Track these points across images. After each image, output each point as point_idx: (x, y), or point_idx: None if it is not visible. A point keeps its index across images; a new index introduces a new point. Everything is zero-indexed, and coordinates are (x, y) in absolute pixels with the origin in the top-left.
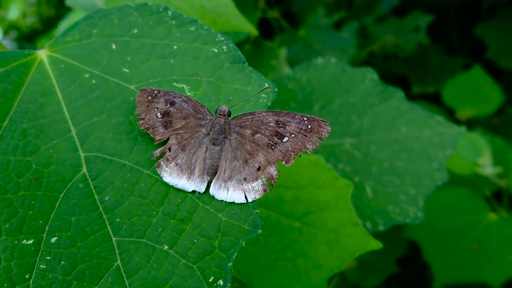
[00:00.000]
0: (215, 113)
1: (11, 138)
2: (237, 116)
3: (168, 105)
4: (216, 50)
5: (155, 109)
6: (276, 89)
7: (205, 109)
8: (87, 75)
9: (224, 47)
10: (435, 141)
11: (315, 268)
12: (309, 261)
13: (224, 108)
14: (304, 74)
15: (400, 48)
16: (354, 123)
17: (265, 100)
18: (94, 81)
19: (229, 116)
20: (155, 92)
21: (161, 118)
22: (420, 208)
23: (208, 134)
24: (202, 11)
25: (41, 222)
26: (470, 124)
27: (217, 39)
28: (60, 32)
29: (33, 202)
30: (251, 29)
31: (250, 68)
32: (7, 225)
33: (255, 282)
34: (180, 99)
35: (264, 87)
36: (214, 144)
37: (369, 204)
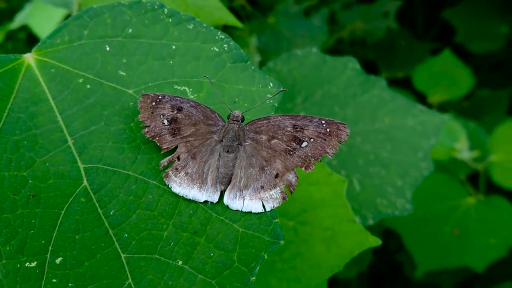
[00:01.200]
0: (228, 119)
1: (3, 152)
2: (251, 121)
3: (175, 111)
4: (217, 49)
5: (161, 116)
6: (281, 88)
7: (215, 114)
8: (80, 80)
9: (225, 45)
10: (419, 130)
11: (313, 268)
12: (306, 261)
13: (237, 113)
14: (284, 65)
15: (369, 34)
16: (337, 114)
17: (271, 101)
18: (88, 86)
19: (242, 121)
20: (159, 97)
21: (168, 125)
22: (408, 199)
23: (221, 141)
24: (184, 5)
25: (43, 242)
26: (442, 109)
27: (217, 37)
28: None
29: (33, 221)
30: (235, 22)
31: (253, 67)
32: (7, 248)
33: None
34: (188, 105)
35: (280, 90)
36: (228, 151)
37: (357, 198)
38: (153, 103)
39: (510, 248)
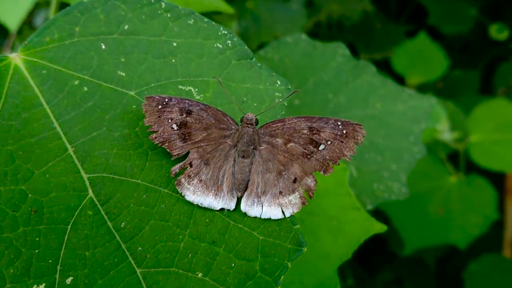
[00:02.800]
0: (241, 122)
1: None
2: (265, 124)
3: (184, 115)
4: (220, 46)
5: (169, 120)
6: (289, 87)
7: (228, 117)
8: (76, 82)
9: (229, 41)
10: (409, 115)
11: (322, 258)
12: (315, 252)
13: (251, 116)
14: (275, 53)
15: (345, 16)
16: (331, 101)
17: (280, 100)
18: (85, 89)
19: (256, 124)
20: (166, 99)
21: (177, 130)
22: (403, 183)
23: (235, 145)
24: None
25: (50, 261)
26: (420, 90)
27: (220, 33)
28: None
29: (37, 239)
30: (226, 8)
31: (259, 64)
32: (11, 270)
33: None
34: (198, 107)
35: (293, 91)
36: (243, 156)
37: (355, 184)
38: (159, 106)
39: (491, 225)
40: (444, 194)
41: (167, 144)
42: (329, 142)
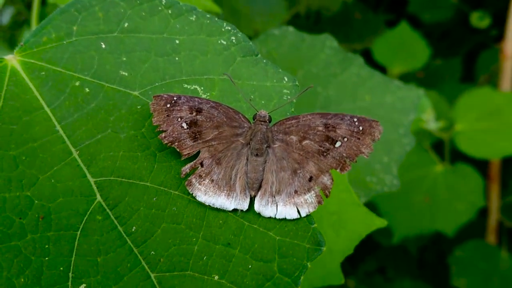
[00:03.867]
0: (254, 120)
1: (0, 170)
2: (278, 122)
3: (194, 113)
4: (224, 42)
5: (179, 119)
6: (297, 83)
7: (240, 115)
8: (77, 83)
9: (233, 37)
10: (398, 107)
11: (326, 254)
12: None
13: (264, 113)
14: (263, 46)
15: (325, 7)
16: (320, 94)
17: (289, 97)
18: (87, 90)
19: (270, 121)
20: (175, 98)
21: (187, 129)
22: (395, 175)
23: (248, 144)
24: None
25: (62, 268)
26: (402, 80)
27: (223, 29)
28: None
29: (47, 246)
30: (213, 7)
31: (264, 60)
32: (22, 279)
33: None
34: (208, 105)
35: (308, 87)
36: (256, 155)
37: (348, 177)
38: (168, 105)
39: (480, 211)
40: (430, 183)
41: (176, 143)
42: (345, 139)
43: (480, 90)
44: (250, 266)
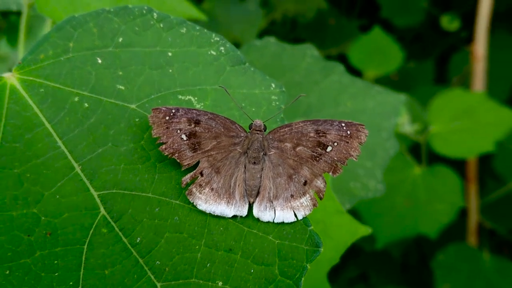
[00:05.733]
0: (249, 129)
1: (5, 188)
2: (273, 130)
3: (193, 125)
4: (214, 53)
5: (178, 131)
6: (283, 89)
7: (236, 125)
8: (76, 99)
9: (222, 48)
10: (379, 111)
11: (312, 264)
12: None
13: (259, 122)
14: (246, 56)
15: (300, 14)
16: (303, 101)
17: (277, 103)
18: (86, 105)
19: (265, 130)
20: (173, 110)
21: (187, 140)
22: (379, 180)
23: (245, 152)
24: (145, 0)
25: (71, 283)
26: (377, 83)
27: (212, 40)
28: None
29: (55, 262)
30: (198, 14)
31: (252, 69)
32: None
33: None
34: (206, 117)
35: (299, 95)
36: (254, 163)
37: (332, 184)
38: (167, 118)
39: (459, 213)
40: (410, 186)
41: (177, 154)
42: (335, 144)
43: (453, 92)
44: (252, 271)
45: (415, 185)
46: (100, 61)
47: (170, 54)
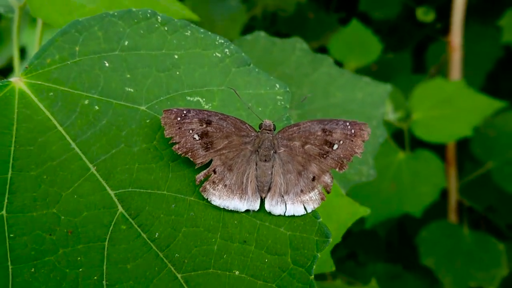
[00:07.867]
0: (260, 129)
1: (24, 191)
2: (282, 129)
3: (205, 125)
4: (219, 55)
5: (190, 131)
6: (288, 89)
7: (246, 125)
8: (86, 102)
9: (226, 50)
10: (368, 101)
11: None
12: None
13: (269, 122)
14: None
15: (280, 9)
16: (295, 94)
17: (282, 102)
18: (97, 107)
19: (274, 130)
20: (184, 112)
21: (199, 140)
22: (371, 166)
23: (256, 151)
24: (139, 0)
25: (96, 278)
26: (357, 74)
27: (217, 42)
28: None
29: (79, 258)
30: (191, 14)
31: (256, 70)
32: None
33: None
34: (217, 117)
35: (305, 96)
36: (265, 160)
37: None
38: (178, 118)
39: (440, 193)
40: (395, 170)
41: (190, 153)
42: (341, 142)
43: (432, 81)
44: (266, 260)
45: (400, 169)
46: (107, 64)
47: (176, 56)
